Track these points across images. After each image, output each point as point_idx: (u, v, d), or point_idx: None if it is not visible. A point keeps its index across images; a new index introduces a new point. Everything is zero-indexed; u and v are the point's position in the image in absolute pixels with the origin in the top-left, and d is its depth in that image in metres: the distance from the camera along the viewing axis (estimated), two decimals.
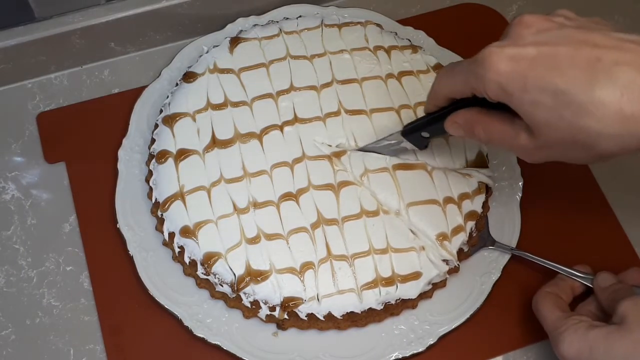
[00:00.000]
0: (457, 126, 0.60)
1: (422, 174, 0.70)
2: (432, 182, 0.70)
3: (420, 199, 0.69)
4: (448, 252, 0.68)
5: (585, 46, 0.50)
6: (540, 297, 0.65)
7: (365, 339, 0.67)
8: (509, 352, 0.69)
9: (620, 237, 0.74)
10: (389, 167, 0.70)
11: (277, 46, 0.77)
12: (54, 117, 0.79)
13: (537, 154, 0.55)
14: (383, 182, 0.70)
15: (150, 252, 0.70)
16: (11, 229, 0.73)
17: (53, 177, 0.76)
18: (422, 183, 0.70)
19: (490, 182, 0.72)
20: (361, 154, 0.71)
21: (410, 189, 0.70)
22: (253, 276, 0.65)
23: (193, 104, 0.74)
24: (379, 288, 0.66)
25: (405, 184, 0.70)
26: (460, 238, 0.68)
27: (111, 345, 0.68)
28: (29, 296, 0.70)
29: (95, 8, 0.78)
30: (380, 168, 0.70)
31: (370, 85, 0.75)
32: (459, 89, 0.57)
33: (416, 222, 0.68)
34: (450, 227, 0.68)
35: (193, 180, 0.70)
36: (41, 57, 0.79)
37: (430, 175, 0.70)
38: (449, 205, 0.69)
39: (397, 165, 0.71)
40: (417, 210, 0.69)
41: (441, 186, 0.70)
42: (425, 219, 0.68)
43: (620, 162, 0.76)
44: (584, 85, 0.49)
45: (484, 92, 0.54)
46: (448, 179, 0.71)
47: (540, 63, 0.51)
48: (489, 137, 0.58)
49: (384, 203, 0.69)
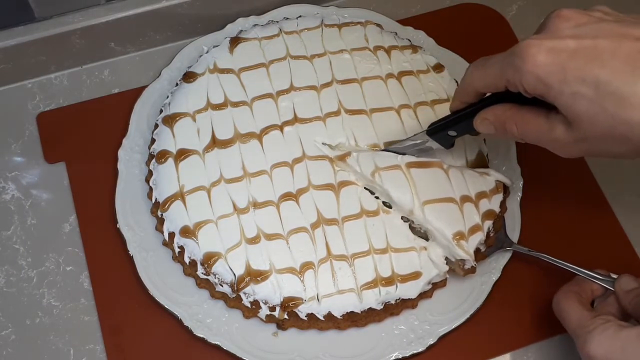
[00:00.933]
0: (487, 123, 0.59)
1: (438, 172, 0.69)
2: (448, 180, 0.69)
3: (436, 197, 0.68)
4: (465, 251, 0.66)
5: (626, 39, 0.50)
6: (563, 296, 0.63)
7: (365, 339, 0.67)
8: (508, 352, 0.69)
9: (621, 237, 0.74)
10: (401, 165, 0.69)
11: (277, 46, 0.77)
12: (54, 117, 0.79)
13: (574, 147, 0.54)
14: (396, 179, 0.69)
15: (150, 252, 0.70)
16: (11, 229, 0.73)
17: (53, 177, 0.76)
18: (438, 181, 0.69)
19: (507, 181, 0.71)
20: (370, 153, 0.71)
21: (426, 187, 0.68)
22: (253, 276, 0.65)
23: (193, 104, 0.74)
24: (378, 288, 0.66)
25: (421, 182, 0.68)
26: (477, 238, 0.67)
27: (111, 345, 0.68)
28: (29, 296, 0.70)
29: (95, 8, 0.78)
30: (391, 166, 0.69)
31: (370, 85, 0.75)
32: (492, 82, 0.56)
33: (432, 221, 0.67)
34: (468, 226, 0.67)
35: (193, 180, 0.70)
36: (41, 57, 0.79)
37: (446, 173, 0.69)
38: (466, 204, 0.68)
39: (411, 163, 0.69)
40: (433, 208, 0.67)
41: (458, 184, 0.69)
42: (441, 218, 0.67)
43: (620, 162, 0.77)
44: (626, 77, 0.49)
45: (520, 85, 0.53)
46: (465, 177, 0.69)
47: (580, 55, 0.50)
48: (522, 133, 0.57)
49: (397, 202, 0.68)
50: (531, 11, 0.87)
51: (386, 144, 0.72)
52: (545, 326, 0.69)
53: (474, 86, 0.59)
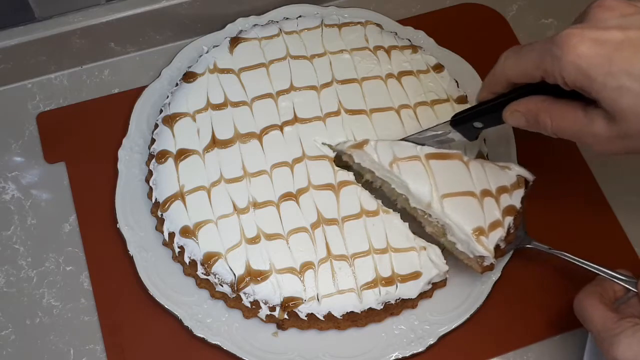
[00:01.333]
0: (518, 115, 0.56)
1: (458, 164, 0.67)
2: (468, 173, 0.67)
3: (456, 190, 0.66)
4: (484, 247, 0.64)
5: None
6: (585, 296, 0.61)
7: (365, 339, 0.67)
8: (508, 352, 0.69)
9: (620, 237, 0.74)
10: (420, 156, 0.67)
11: (277, 46, 0.77)
12: (54, 117, 0.79)
13: (614, 144, 0.52)
14: (415, 171, 0.66)
15: (150, 252, 0.70)
16: (11, 229, 0.73)
17: (53, 177, 0.76)
18: (457, 174, 0.67)
19: (529, 175, 0.69)
20: (389, 142, 0.69)
21: (445, 180, 0.66)
22: (253, 276, 0.65)
23: (193, 104, 0.74)
24: (378, 288, 0.66)
25: (440, 174, 0.66)
26: (497, 234, 0.65)
27: (111, 345, 0.68)
28: (29, 296, 0.70)
29: (95, 8, 0.78)
30: (410, 156, 0.67)
31: (370, 85, 0.75)
32: (527, 71, 0.53)
33: (451, 215, 0.65)
34: (488, 221, 0.65)
35: (193, 180, 0.70)
36: (41, 57, 0.79)
37: (466, 165, 0.67)
38: (486, 199, 0.66)
39: (430, 155, 0.67)
40: (453, 202, 0.65)
41: (478, 178, 0.67)
42: (460, 212, 0.65)
43: (620, 162, 0.77)
44: None
45: (560, 76, 0.50)
46: (485, 171, 0.67)
47: (627, 46, 0.48)
48: (557, 126, 0.54)
49: (415, 193, 0.66)
50: (531, 11, 0.88)
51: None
52: (545, 326, 0.69)
53: (507, 75, 0.56)
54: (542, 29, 0.86)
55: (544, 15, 0.87)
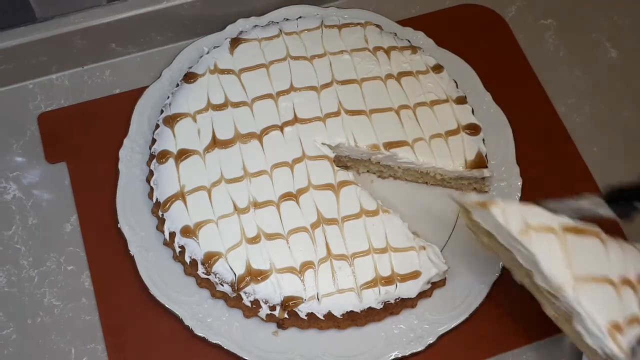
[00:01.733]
0: None
1: (595, 243, 0.58)
2: (606, 255, 0.58)
3: (593, 275, 0.57)
4: (618, 346, 0.55)
5: None
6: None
7: (365, 338, 0.67)
8: (508, 351, 0.69)
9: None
10: (556, 228, 0.58)
11: (277, 47, 0.77)
12: (55, 117, 0.79)
13: None
14: (548, 245, 0.57)
15: (151, 251, 0.70)
16: (12, 229, 0.73)
17: (54, 177, 0.76)
18: (595, 254, 0.58)
19: None
20: (517, 205, 0.60)
21: (581, 261, 0.57)
22: (253, 276, 0.66)
23: (194, 104, 0.74)
24: (378, 287, 0.66)
25: (576, 253, 0.57)
26: (634, 331, 0.56)
27: (112, 345, 0.68)
28: (30, 296, 0.70)
29: (96, 9, 0.78)
30: (545, 227, 0.58)
31: (370, 85, 0.76)
32: None
33: (585, 304, 0.56)
34: (625, 315, 0.57)
35: (194, 180, 0.70)
36: (42, 58, 0.79)
37: (604, 244, 0.58)
38: (624, 288, 0.57)
39: (568, 228, 0.58)
40: (588, 288, 0.56)
41: (617, 261, 0.58)
42: (595, 301, 0.56)
43: (620, 162, 0.77)
44: None
45: None
46: (624, 253, 0.59)
47: None
48: None
49: (545, 272, 0.57)
50: (530, 12, 0.88)
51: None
52: (544, 326, 0.69)
53: None
54: (541, 30, 0.86)
55: (543, 16, 0.87)
